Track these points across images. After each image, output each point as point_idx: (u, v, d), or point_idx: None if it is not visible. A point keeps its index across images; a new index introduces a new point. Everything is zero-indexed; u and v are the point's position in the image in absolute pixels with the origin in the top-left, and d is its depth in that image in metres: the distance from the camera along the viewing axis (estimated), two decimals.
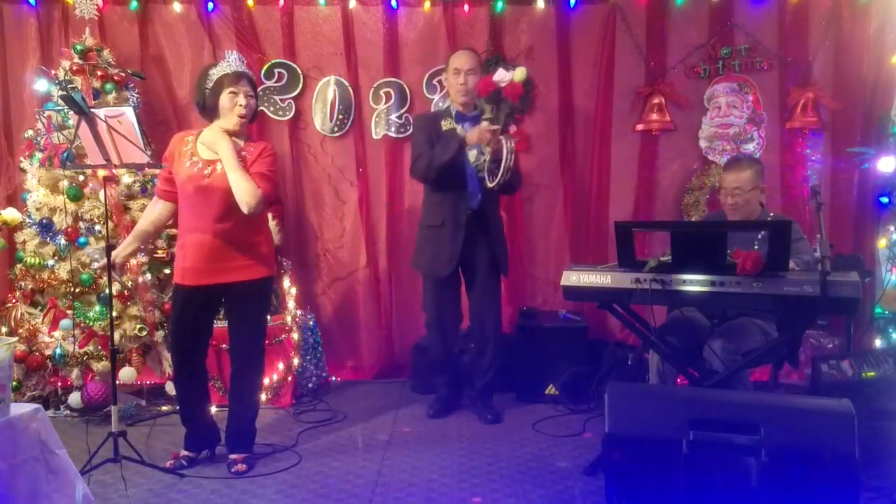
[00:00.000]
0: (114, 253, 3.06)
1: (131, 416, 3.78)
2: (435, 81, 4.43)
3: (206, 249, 2.98)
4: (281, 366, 4.01)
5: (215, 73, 3.01)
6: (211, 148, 2.98)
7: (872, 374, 3.13)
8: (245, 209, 2.90)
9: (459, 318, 3.86)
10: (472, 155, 3.57)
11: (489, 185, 3.46)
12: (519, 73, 3.35)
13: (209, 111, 3.04)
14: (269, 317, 4.08)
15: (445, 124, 3.62)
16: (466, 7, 4.40)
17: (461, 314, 3.86)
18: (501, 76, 3.36)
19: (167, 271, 4.01)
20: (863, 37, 4.25)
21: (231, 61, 3.04)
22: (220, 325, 3.35)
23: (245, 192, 2.88)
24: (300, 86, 4.44)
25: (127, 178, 3.98)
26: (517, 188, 3.79)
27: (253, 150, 3.04)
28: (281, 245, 4.28)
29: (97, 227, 3.89)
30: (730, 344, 2.99)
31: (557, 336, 4.09)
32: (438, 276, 3.68)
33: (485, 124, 3.40)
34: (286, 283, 4.32)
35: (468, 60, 3.61)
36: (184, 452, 3.19)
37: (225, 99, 2.99)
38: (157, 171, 3.80)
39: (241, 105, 2.98)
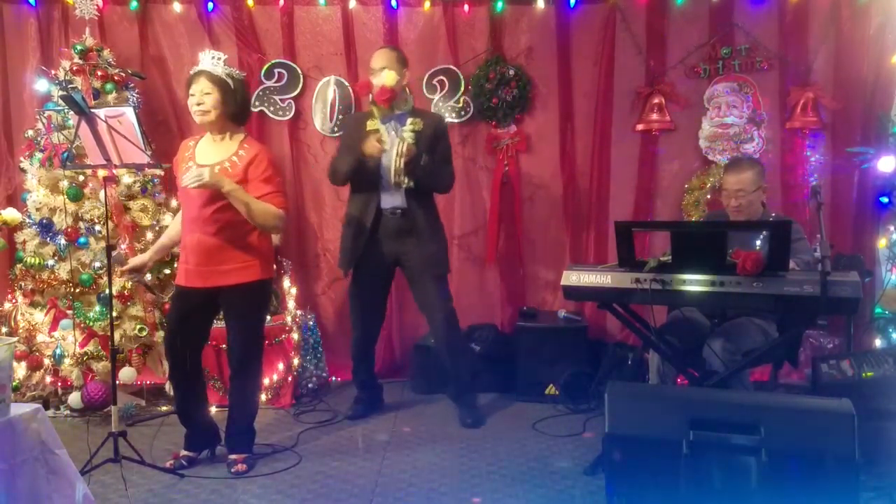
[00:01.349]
0: (139, 260, 3.21)
1: (131, 416, 3.78)
2: (435, 81, 4.42)
3: (202, 251, 3.00)
4: (281, 366, 4.01)
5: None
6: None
7: (872, 374, 3.13)
8: (274, 233, 2.99)
9: (377, 318, 3.90)
10: (387, 155, 3.52)
11: (402, 184, 3.50)
12: (382, 77, 3.45)
13: None
14: (269, 317, 4.09)
15: (371, 124, 3.58)
16: (466, 7, 4.40)
17: (379, 315, 3.91)
18: (380, 79, 3.46)
19: (167, 271, 4.01)
20: (863, 37, 4.25)
21: (199, 62, 3.06)
22: (220, 325, 3.35)
23: (266, 222, 2.96)
24: (300, 86, 4.44)
25: (127, 178, 3.98)
26: (440, 187, 3.74)
27: (244, 155, 3.02)
28: (281, 245, 4.29)
29: (97, 228, 3.89)
30: (730, 344, 2.99)
31: (557, 336, 4.09)
32: (344, 273, 3.80)
33: (372, 137, 3.46)
34: (286, 283, 4.32)
35: (379, 59, 3.59)
36: (184, 452, 3.19)
37: (189, 100, 3.05)
38: (157, 172, 3.83)
39: (194, 104, 3.01)
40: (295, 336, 4.11)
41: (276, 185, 3.03)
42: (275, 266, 4.19)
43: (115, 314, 3.42)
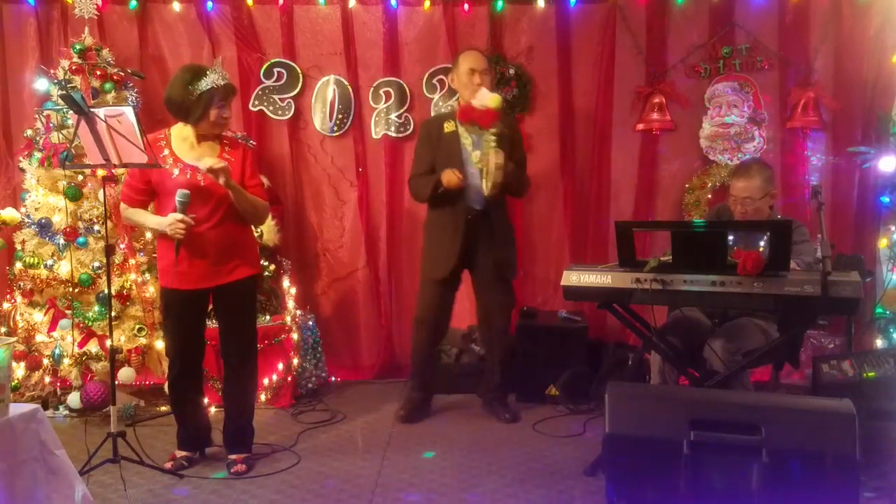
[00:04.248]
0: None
1: (130, 417, 3.77)
2: (435, 81, 4.42)
3: (200, 252, 2.97)
4: (280, 366, 4.00)
5: (207, 82, 2.91)
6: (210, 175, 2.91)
7: (873, 374, 3.13)
8: (257, 225, 3.05)
9: (448, 321, 3.87)
10: (474, 156, 3.56)
11: (484, 191, 3.51)
12: (493, 100, 3.44)
13: (188, 114, 2.96)
14: (269, 317, 4.09)
15: (448, 126, 3.61)
16: (466, 6, 4.40)
17: (450, 317, 3.88)
18: (481, 100, 3.45)
19: None
20: (863, 37, 4.25)
21: (220, 72, 2.98)
22: (215, 325, 3.34)
23: (256, 213, 3.02)
24: (300, 85, 4.43)
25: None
26: (522, 192, 3.83)
27: (233, 152, 3.04)
28: (281, 245, 4.28)
29: (96, 227, 3.88)
30: (730, 344, 2.99)
31: (557, 336, 4.08)
32: (433, 277, 3.70)
33: (448, 171, 3.47)
34: (286, 283, 4.31)
35: (483, 61, 3.64)
36: (181, 453, 3.18)
37: (214, 111, 2.95)
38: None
39: (225, 118, 3.01)
40: (294, 336, 4.10)
41: (259, 179, 3.13)
42: (274, 266, 4.20)
43: (114, 314, 3.42)
